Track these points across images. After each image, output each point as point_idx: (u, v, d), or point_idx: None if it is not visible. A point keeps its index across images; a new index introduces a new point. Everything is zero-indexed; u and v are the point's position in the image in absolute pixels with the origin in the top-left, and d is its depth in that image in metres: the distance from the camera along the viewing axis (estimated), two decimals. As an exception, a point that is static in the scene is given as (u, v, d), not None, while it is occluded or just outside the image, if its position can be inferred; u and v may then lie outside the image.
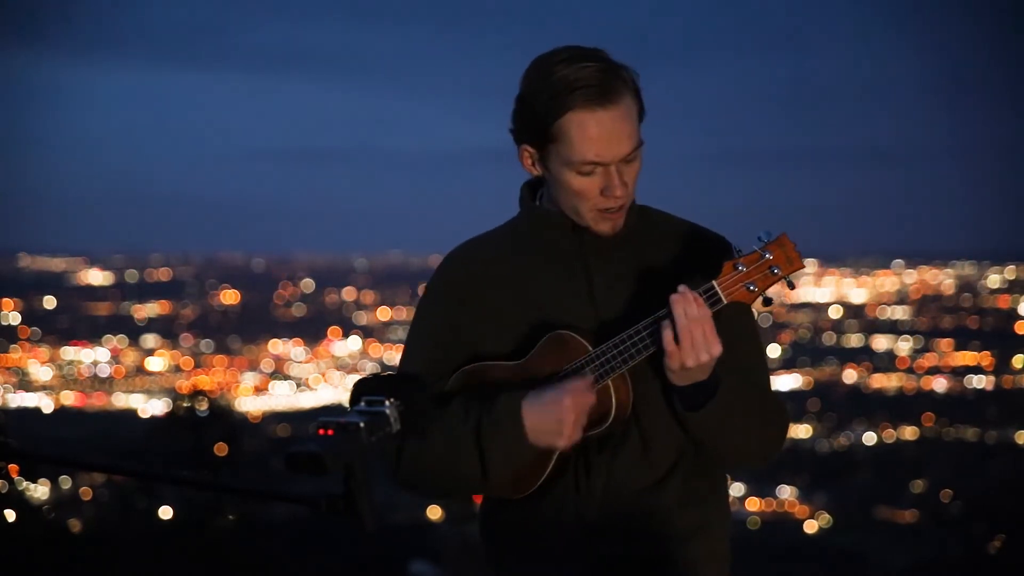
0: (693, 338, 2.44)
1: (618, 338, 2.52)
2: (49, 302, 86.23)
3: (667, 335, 2.45)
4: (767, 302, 2.50)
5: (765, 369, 2.70)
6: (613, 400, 2.54)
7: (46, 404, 70.65)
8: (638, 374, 2.54)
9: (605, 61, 2.55)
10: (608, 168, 2.54)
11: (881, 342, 78.94)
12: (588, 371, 2.54)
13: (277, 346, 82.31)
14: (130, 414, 64.06)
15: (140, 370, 78.74)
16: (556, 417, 2.51)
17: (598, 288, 2.62)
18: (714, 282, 2.48)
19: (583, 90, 2.51)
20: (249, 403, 67.84)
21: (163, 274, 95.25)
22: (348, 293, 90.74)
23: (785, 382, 68.93)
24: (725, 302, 2.48)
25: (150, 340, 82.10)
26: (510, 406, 2.55)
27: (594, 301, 2.62)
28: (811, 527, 46.48)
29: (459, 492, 2.68)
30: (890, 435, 60.91)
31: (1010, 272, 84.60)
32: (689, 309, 2.45)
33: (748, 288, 2.47)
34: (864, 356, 75.97)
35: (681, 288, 2.47)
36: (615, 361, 2.52)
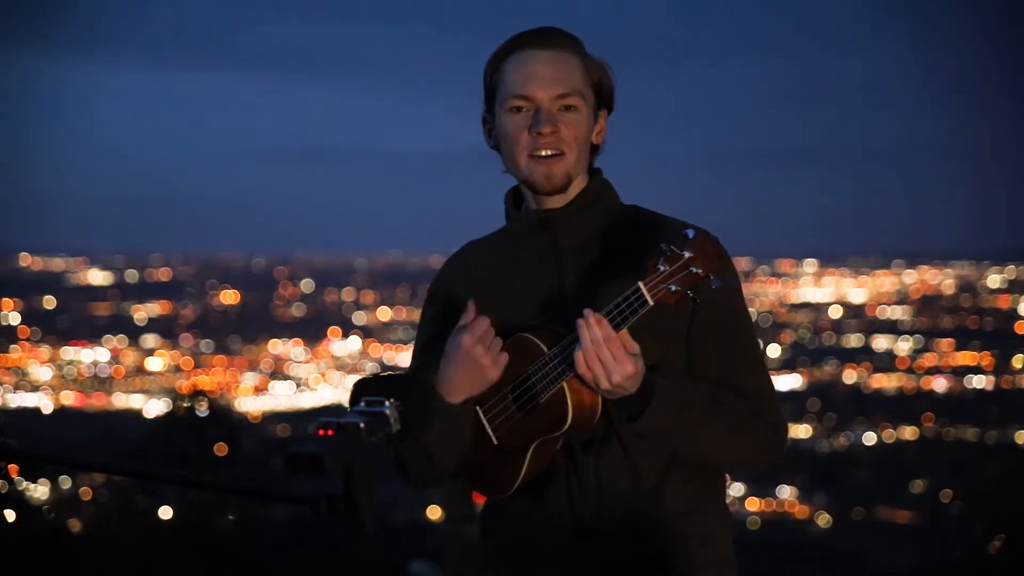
0: (602, 361, 2.42)
1: (560, 345, 2.51)
2: (49, 302, 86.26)
3: (578, 359, 2.44)
4: (693, 302, 2.41)
5: (751, 366, 2.64)
6: (569, 403, 2.52)
7: (46, 404, 70.64)
8: None
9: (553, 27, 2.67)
10: (539, 107, 2.60)
11: (881, 342, 78.93)
12: (539, 377, 2.53)
13: (277, 346, 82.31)
14: (130, 414, 64.02)
15: (140, 370, 78.73)
16: (456, 356, 2.55)
17: (570, 288, 2.62)
18: (640, 283, 2.42)
19: (522, 37, 2.64)
20: (249, 403, 67.83)
21: (163, 274, 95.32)
22: (348, 293, 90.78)
23: (785, 382, 68.88)
24: (651, 303, 2.42)
25: (150, 340, 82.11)
26: (426, 379, 2.59)
27: (565, 302, 2.61)
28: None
29: (425, 477, 2.67)
30: (890, 435, 60.87)
31: (1010, 272, 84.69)
32: (592, 333, 2.42)
33: (670, 288, 2.40)
34: (864, 356, 75.94)
35: (585, 312, 2.44)
36: (557, 370, 2.51)
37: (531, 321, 2.62)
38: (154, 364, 79.47)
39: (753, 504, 50.06)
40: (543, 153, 2.60)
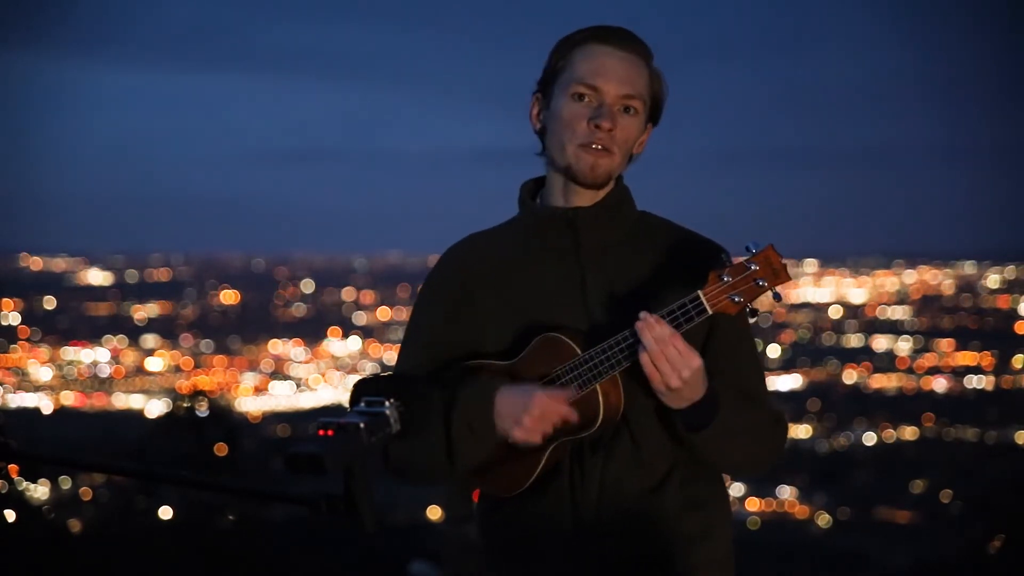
0: (668, 359, 2.43)
1: (598, 348, 2.51)
2: (49, 302, 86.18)
3: (644, 360, 2.44)
4: (753, 313, 2.47)
5: (761, 378, 2.69)
6: (601, 405, 2.54)
7: (46, 404, 70.56)
8: (626, 376, 2.54)
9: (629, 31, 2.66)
10: (603, 99, 2.59)
11: (881, 342, 78.86)
12: (571, 378, 2.54)
13: (277, 346, 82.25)
14: (130, 414, 63.98)
15: (140, 370, 78.65)
16: (522, 406, 2.50)
17: (591, 288, 2.62)
18: (699, 292, 2.46)
19: (600, 29, 2.63)
20: (249, 403, 67.76)
21: (163, 274, 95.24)
22: (348, 293, 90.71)
23: (785, 382, 68.89)
24: (710, 312, 2.46)
25: (150, 340, 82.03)
26: (488, 385, 2.56)
27: (586, 301, 2.62)
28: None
29: (432, 473, 2.64)
30: (890, 435, 60.83)
31: (1010, 272, 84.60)
32: (655, 332, 2.43)
33: (733, 299, 2.44)
34: (864, 356, 75.87)
35: (642, 314, 2.45)
36: (593, 372, 2.52)
37: (546, 318, 2.61)
38: (154, 364, 79.39)
39: (753, 504, 50.03)
40: (595, 146, 2.59)
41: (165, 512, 23.00)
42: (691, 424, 2.53)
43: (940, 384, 71.71)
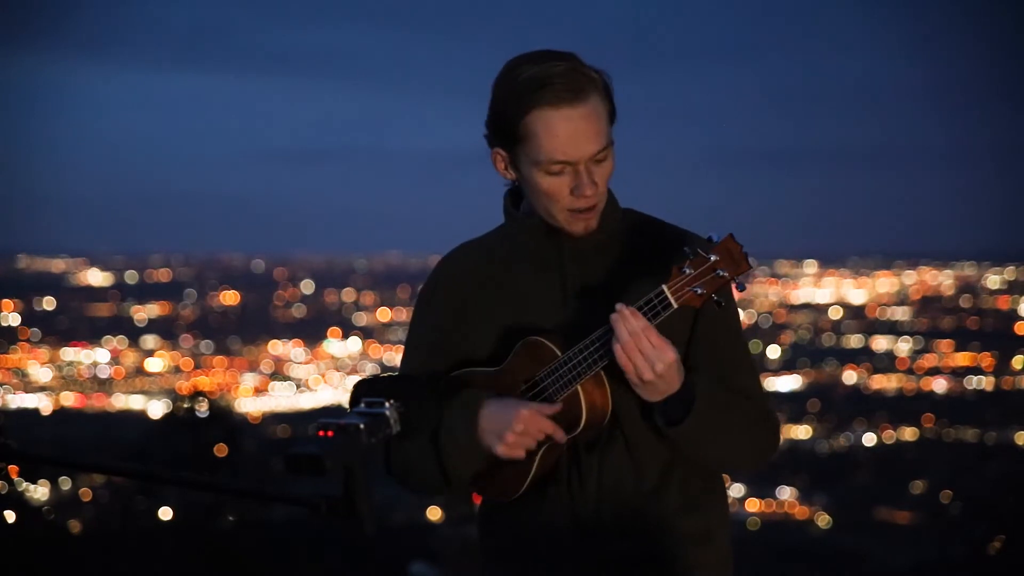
0: (642, 351, 2.43)
1: (576, 348, 2.51)
2: (49, 303, 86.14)
3: (618, 352, 2.44)
4: (719, 304, 2.45)
5: (750, 370, 2.68)
6: (583, 406, 2.53)
7: (46, 405, 70.54)
8: (616, 378, 2.53)
9: (573, 61, 2.55)
10: (577, 167, 2.53)
11: (881, 343, 78.82)
12: (553, 380, 2.54)
13: (277, 347, 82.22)
14: (130, 415, 63.97)
15: (140, 371, 78.61)
16: (505, 422, 2.52)
17: (571, 292, 2.62)
18: (664, 286, 2.45)
19: (549, 88, 2.51)
20: (249, 404, 67.71)
21: (163, 274, 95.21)
22: (348, 294, 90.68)
23: (785, 383, 68.84)
24: (675, 306, 2.44)
25: (150, 341, 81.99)
26: (472, 400, 2.57)
27: (567, 304, 2.62)
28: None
29: (430, 486, 2.69)
30: (890, 436, 60.79)
31: (1010, 273, 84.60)
32: (629, 325, 2.43)
33: (696, 291, 2.43)
34: (864, 357, 75.81)
35: (618, 306, 2.45)
36: (573, 372, 2.52)
37: (533, 324, 2.62)
38: (154, 365, 79.34)
39: (753, 505, 50.00)
40: (582, 207, 2.57)
41: (165, 512, 23.02)
42: (669, 418, 2.53)
43: (940, 385, 71.65)
